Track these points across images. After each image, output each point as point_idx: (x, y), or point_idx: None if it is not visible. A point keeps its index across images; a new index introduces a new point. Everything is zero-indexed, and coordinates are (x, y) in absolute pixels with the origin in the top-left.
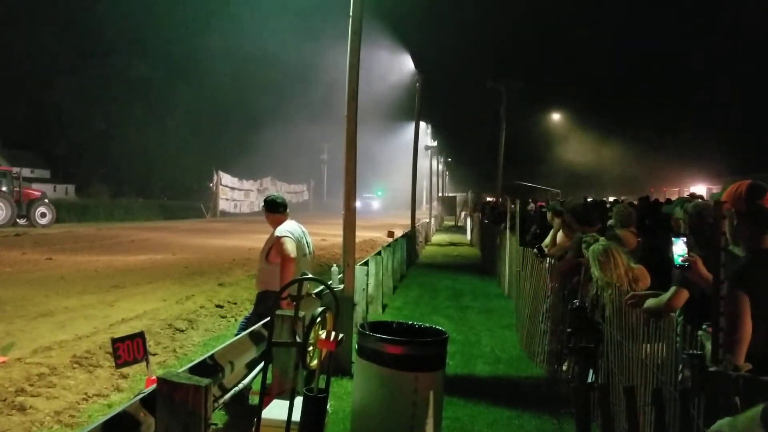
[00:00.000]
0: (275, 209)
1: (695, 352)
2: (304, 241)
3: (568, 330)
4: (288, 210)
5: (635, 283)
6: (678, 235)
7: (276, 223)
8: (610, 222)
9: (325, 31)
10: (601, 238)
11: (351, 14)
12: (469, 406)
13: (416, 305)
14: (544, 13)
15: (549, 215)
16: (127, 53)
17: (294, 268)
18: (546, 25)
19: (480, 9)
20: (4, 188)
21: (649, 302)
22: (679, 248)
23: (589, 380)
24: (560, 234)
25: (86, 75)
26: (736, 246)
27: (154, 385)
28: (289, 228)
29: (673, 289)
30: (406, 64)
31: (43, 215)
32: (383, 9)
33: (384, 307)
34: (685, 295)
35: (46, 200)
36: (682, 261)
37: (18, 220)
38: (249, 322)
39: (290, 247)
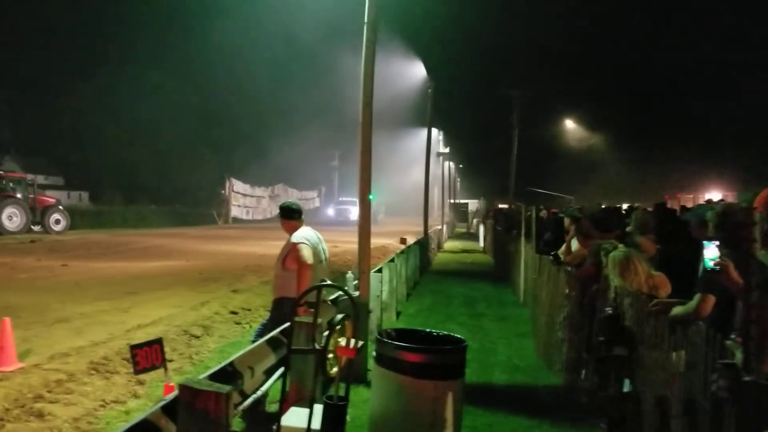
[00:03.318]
0: (291, 215)
1: (729, 361)
2: (320, 248)
3: (601, 339)
4: (303, 216)
5: (656, 290)
6: (710, 239)
7: (291, 230)
8: (628, 228)
9: (339, 38)
10: (621, 245)
11: (366, 21)
12: (487, 415)
13: (430, 312)
14: (560, 22)
15: (567, 222)
16: (140, 61)
17: (311, 275)
18: (561, 34)
19: (495, 17)
20: (18, 195)
21: (677, 310)
22: (711, 252)
23: (625, 389)
24: (575, 241)
25: (100, 82)
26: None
27: (175, 392)
28: (305, 234)
29: (698, 296)
30: (416, 68)
31: (57, 222)
32: (398, 16)
33: (398, 314)
34: (712, 300)
35: (61, 207)
36: (714, 264)
37: (33, 227)
38: (265, 328)
39: (307, 254)
